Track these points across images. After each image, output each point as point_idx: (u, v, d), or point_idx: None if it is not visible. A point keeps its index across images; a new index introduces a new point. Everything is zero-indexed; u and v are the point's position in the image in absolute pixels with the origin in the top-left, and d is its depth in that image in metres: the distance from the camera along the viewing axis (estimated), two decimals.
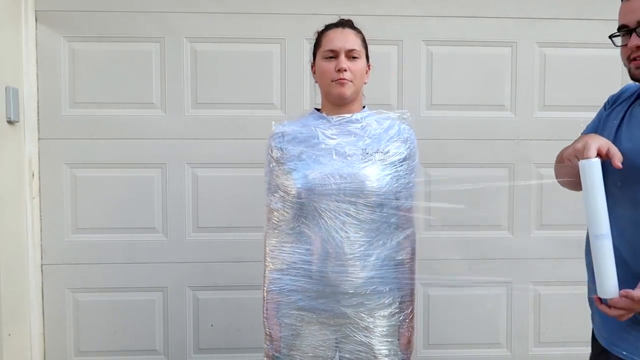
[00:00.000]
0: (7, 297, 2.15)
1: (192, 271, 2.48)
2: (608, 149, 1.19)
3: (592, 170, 1.16)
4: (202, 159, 2.45)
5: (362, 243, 1.47)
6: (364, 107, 1.62)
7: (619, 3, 1.33)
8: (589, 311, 2.69)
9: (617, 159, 1.18)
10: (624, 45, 1.32)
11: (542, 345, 2.59)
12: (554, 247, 2.55)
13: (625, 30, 1.30)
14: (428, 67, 2.49)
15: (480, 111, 2.52)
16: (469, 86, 2.50)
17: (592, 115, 2.57)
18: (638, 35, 1.24)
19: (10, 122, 2.18)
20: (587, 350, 2.80)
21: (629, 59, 1.32)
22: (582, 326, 2.59)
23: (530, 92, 2.52)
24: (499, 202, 2.53)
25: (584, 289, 2.55)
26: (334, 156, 1.50)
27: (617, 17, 1.33)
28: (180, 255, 2.47)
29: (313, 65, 1.60)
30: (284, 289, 1.55)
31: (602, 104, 2.64)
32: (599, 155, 1.17)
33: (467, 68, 2.50)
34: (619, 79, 2.52)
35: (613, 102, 1.55)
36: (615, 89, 2.59)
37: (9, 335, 2.16)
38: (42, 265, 2.43)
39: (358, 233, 1.47)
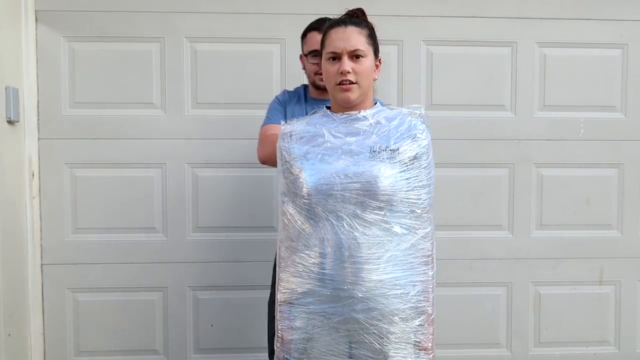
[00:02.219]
0: (7, 297, 2.15)
1: (192, 271, 2.47)
2: None
3: None
4: (202, 159, 2.45)
5: (370, 245, 1.41)
6: (376, 103, 1.55)
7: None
8: (588, 311, 2.70)
9: None
10: (315, 63, 1.88)
11: (541, 345, 2.59)
12: (554, 247, 2.55)
13: (315, 53, 1.86)
14: (428, 67, 2.49)
15: (480, 111, 2.52)
16: (469, 86, 2.50)
17: (592, 115, 2.60)
18: (321, 59, 1.63)
19: (10, 122, 2.18)
20: (587, 350, 2.81)
21: (314, 73, 1.91)
22: (582, 326, 2.60)
23: (530, 92, 2.51)
24: (499, 202, 2.53)
25: (584, 289, 2.57)
26: (341, 155, 1.44)
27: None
28: (180, 255, 2.47)
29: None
30: (295, 291, 1.49)
31: (602, 104, 2.66)
32: None
33: (467, 68, 2.49)
34: (618, 79, 2.53)
35: (286, 102, 2.03)
36: (615, 89, 2.62)
37: (9, 335, 2.16)
38: (42, 265, 2.43)
39: (366, 234, 1.41)
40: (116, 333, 2.48)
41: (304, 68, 2.00)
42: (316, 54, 1.85)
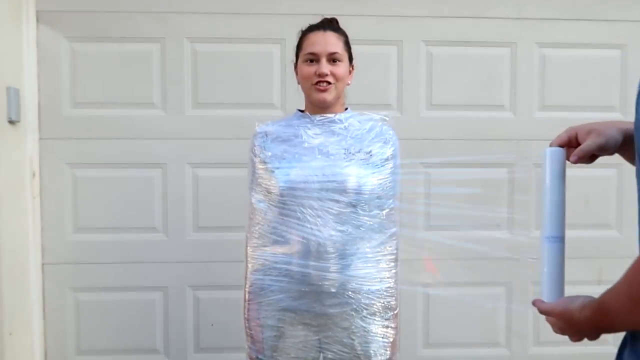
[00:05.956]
0: (8, 297, 2.15)
1: (192, 271, 2.48)
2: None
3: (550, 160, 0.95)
4: (202, 159, 2.45)
5: (343, 242, 1.48)
6: (346, 108, 1.63)
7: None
8: None
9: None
10: None
11: (541, 345, 2.59)
12: None
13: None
14: (428, 67, 2.50)
15: (480, 111, 2.52)
16: (469, 86, 2.50)
17: (591, 115, 2.59)
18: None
19: (11, 122, 2.18)
20: (587, 349, 2.81)
21: None
22: None
23: (530, 92, 2.52)
24: (499, 202, 2.54)
25: (583, 289, 2.57)
26: (317, 155, 1.51)
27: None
28: (181, 255, 2.47)
29: (296, 66, 1.63)
30: (265, 289, 1.54)
31: (601, 105, 2.66)
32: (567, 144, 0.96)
33: (467, 68, 2.50)
34: (617, 80, 2.53)
35: None
36: (615, 89, 2.63)
37: (10, 334, 2.17)
38: (43, 264, 2.43)
39: (339, 232, 1.47)
40: (117, 332, 2.48)
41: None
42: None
